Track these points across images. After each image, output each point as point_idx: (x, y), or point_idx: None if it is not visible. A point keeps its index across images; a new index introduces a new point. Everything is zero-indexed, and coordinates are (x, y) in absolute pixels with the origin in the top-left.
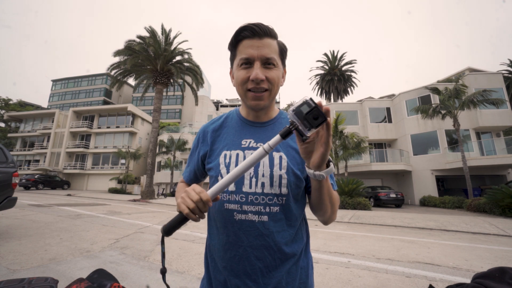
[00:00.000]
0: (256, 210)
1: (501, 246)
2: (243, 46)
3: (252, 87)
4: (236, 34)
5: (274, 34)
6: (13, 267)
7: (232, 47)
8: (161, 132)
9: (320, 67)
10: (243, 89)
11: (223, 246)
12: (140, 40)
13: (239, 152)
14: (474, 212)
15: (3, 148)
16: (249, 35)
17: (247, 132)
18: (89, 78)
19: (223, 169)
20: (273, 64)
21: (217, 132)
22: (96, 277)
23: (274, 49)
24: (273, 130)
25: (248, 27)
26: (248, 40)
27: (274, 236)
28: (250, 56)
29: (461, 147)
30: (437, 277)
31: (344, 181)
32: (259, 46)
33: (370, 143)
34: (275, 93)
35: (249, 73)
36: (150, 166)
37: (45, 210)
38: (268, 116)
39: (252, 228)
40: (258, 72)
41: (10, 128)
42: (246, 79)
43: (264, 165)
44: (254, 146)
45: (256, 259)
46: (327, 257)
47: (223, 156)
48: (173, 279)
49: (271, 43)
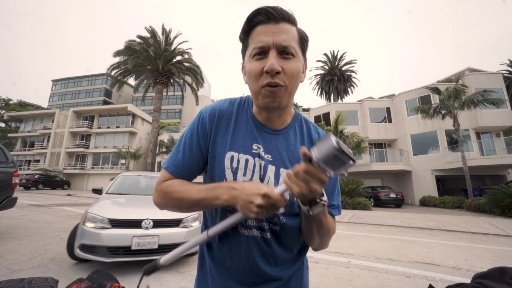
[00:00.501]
0: (259, 226)
1: (501, 246)
2: (256, 33)
3: (267, 82)
4: (248, 19)
5: (293, 19)
6: (13, 267)
7: (244, 36)
8: (161, 132)
9: (320, 67)
10: (257, 84)
11: (222, 257)
12: (140, 40)
13: (248, 158)
14: (474, 212)
15: (3, 148)
16: (264, 19)
17: (259, 136)
18: (89, 78)
19: (229, 174)
20: (292, 53)
21: (219, 122)
22: (96, 277)
23: (293, 36)
24: (286, 141)
25: (263, 10)
26: (263, 25)
27: (275, 253)
28: (264, 44)
29: (461, 147)
30: (437, 277)
31: (344, 181)
32: (275, 31)
33: (370, 143)
34: (293, 89)
35: (263, 64)
36: (150, 166)
37: (45, 210)
38: (281, 121)
39: (253, 243)
40: (273, 62)
41: (10, 128)
42: (259, 72)
43: (269, 181)
44: (262, 155)
45: (257, 257)
46: (327, 257)
47: (229, 158)
48: (173, 279)
49: (290, 29)
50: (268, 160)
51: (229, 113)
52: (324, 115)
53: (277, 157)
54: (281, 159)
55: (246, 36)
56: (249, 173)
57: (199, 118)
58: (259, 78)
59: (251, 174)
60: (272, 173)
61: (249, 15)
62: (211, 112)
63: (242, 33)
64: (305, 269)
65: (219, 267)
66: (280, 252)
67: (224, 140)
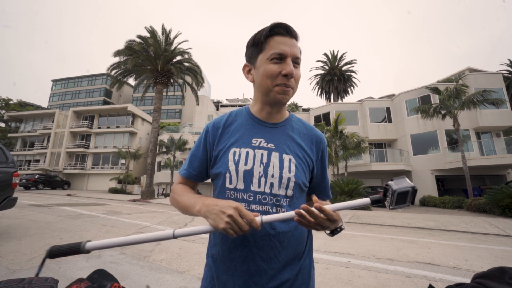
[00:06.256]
0: (264, 210)
1: (501, 246)
2: (276, 42)
3: (282, 83)
4: (270, 28)
5: (299, 38)
6: (13, 267)
7: (263, 40)
8: (161, 132)
9: (320, 67)
10: (271, 83)
11: (228, 246)
12: (140, 40)
13: (249, 150)
14: (474, 212)
15: (3, 148)
16: (283, 32)
17: (258, 131)
18: (89, 78)
19: (232, 166)
20: (299, 63)
21: (223, 131)
22: (96, 277)
23: (299, 50)
24: (284, 132)
25: (283, 25)
26: (281, 37)
27: (280, 236)
28: (284, 52)
29: (461, 147)
30: (437, 277)
31: (344, 181)
32: (291, 44)
33: (370, 143)
34: (295, 91)
35: (280, 68)
36: (150, 166)
37: (45, 210)
38: (280, 116)
39: None
40: (293, 68)
41: (10, 128)
42: (277, 73)
43: (274, 166)
44: (264, 146)
45: (261, 260)
46: (327, 257)
47: (232, 153)
48: (173, 279)
49: (297, 45)
50: (272, 149)
51: (229, 121)
52: (324, 115)
53: (278, 145)
54: (282, 147)
55: (264, 41)
56: (250, 163)
57: (205, 131)
58: (275, 78)
59: (252, 163)
60: (276, 159)
61: (272, 25)
62: (214, 123)
63: (261, 37)
64: (312, 269)
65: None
66: (285, 234)
67: (227, 142)
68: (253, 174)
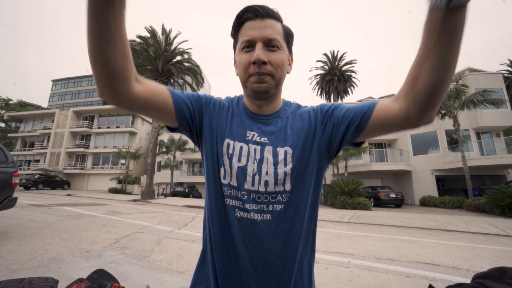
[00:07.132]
0: (259, 209)
1: (501, 246)
2: (245, 29)
3: (254, 72)
4: (238, 16)
5: (278, 16)
6: (13, 267)
7: (234, 31)
8: (161, 132)
9: (320, 67)
10: (245, 74)
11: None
12: (140, 40)
13: (243, 145)
14: (474, 212)
15: (3, 148)
16: (252, 16)
17: (251, 123)
18: (89, 78)
19: (226, 160)
20: (277, 46)
21: (223, 108)
22: (96, 277)
23: (278, 30)
24: (277, 124)
25: (251, 8)
26: (251, 21)
27: (277, 235)
28: (251, 37)
29: (461, 147)
30: (437, 277)
31: (344, 181)
32: (261, 26)
33: (370, 143)
34: (280, 78)
35: (251, 56)
36: (150, 166)
37: (45, 210)
38: (271, 108)
39: (253, 227)
40: (259, 53)
41: (10, 128)
42: (248, 63)
43: (267, 162)
44: (257, 140)
45: (258, 259)
46: (327, 257)
47: (226, 145)
48: (173, 279)
49: (274, 24)
50: (265, 143)
51: (227, 104)
52: None
53: (272, 139)
54: (276, 140)
55: (236, 31)
56: (243, 159)
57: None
58: (247, 69)
59: (246, 160)
60: (270, 154)
61: (238, 13)
62: (215, 97)
63: (232, 29)
64: (312, 267)
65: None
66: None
67: (224, 124)
68: (246, 172)
